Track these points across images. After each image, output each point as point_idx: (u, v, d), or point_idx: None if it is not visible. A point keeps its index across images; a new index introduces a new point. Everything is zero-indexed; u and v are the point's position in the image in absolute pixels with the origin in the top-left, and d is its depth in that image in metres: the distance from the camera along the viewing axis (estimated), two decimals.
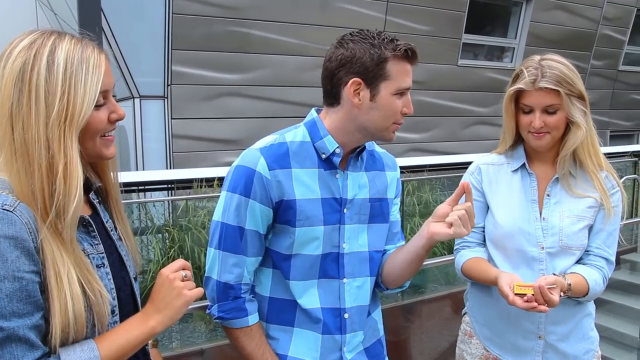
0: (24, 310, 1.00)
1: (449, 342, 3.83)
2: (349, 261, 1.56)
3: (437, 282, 4.69)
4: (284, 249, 1.52)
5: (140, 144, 7.66)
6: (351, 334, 1.59)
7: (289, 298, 1.56)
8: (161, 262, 4.77)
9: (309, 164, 1.51)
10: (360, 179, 1.59)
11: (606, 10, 11.32)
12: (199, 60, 7.57)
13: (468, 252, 1.91)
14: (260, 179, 1.46)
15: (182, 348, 3.83)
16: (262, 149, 1.50)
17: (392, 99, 1.45)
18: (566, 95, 1.68)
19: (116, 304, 1.18)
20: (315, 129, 1.54)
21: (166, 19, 7.36)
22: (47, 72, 1.05)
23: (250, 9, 7.74)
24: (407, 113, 1.49)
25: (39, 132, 1.04)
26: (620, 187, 1.83)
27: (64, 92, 1.05)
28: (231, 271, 1.51)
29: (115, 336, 1.12)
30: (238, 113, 7.98)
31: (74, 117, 1.06)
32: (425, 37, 9.22)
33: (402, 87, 1.45)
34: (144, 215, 5.49)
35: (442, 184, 6.85)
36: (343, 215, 1.54)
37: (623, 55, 12.15)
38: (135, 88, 7.50)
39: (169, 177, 6.01)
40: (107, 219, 1.27)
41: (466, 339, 1.99)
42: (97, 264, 1.15)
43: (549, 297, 1.56)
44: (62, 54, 1.07)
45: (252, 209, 1.48)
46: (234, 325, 1.53)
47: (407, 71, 1.46)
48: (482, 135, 10.16)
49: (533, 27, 10.40)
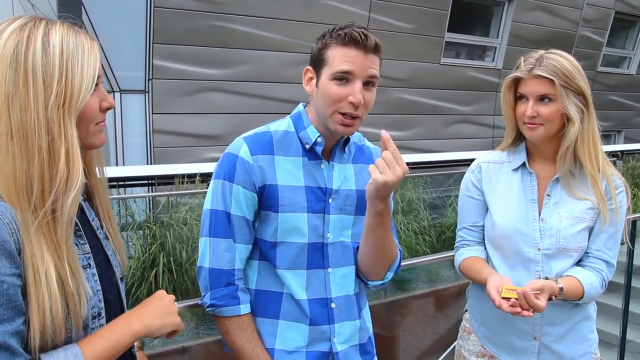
0: (4, 316, 0.94)
1: (432, 340, 3.85)
2: (333, 251, 1.57)
3: (419, 280, 4.71)
4: (269, 236, 1.53)
5: (121, 138, 7.54)
6: (339, 324, 1.59)
7: (275, 290, 1.56)
8: (142, 258, 4.69)
9: (293, 153, 1.54)
10: (346, 170, 1.60)
11: (585, 12, 11.47)
12: (180, 55, 7.48)
13: (466, 251, 1.91)
14: (242, 163, 1.49)
15: (164, 346, 3.78)
16: (246, 137, 1.54)
17: (330, 84, 1.44)
18: (561, 86, 1.67)
19: (102, 306, 1.14)
20: (299, 120, 1.57)
21: (148, 12, 7.25)
22: (43, 54, 1.01)
23: (233, 4, 7.67)
24: (352, 102, 1.43)
25: (39, 114, 0.99)
26: (625, 185, 1.80)
27: (62, 75, 1.02)
28: (223, 256, 1.51)
29: (99, 340, 1.08)
30: (220, 108, 7.92)
31: (72, 101, 1.03)
32: (408, 35, 9.24)
33: (337, 71, 1.42)
34: (124, 211, 5.40)
35: (424, 182, 6.87)
36: (328, 205, 1.55)
37: (601, 57, 12.33)
38: (116, 82, 7.38)
39: (150, 173, 5.94)
40: (93, 217, 1.23)
41: (465, 336, 2.00)
42: (83, 265, 1.11)
43: (533, 303, 1.55)
44: (57, 37, 1.03)
45: (236, 193, 1.50)
46: (225, 314, 1.52)
47: (347, 56, 1.42)
48: (464, 134, 10.22)
49: (515, 27, 10.48)
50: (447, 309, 4.09)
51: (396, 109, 9.58)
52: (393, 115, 9.50)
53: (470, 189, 1.92)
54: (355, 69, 1.42)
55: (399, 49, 9.10)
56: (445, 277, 4.70)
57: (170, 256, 4.73)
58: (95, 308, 1.12)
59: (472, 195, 1.91)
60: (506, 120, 1.84)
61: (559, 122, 1.73)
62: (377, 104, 1.56)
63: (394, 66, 9.15)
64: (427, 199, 6.64)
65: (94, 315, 1.11)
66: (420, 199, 6.48)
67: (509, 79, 1.77)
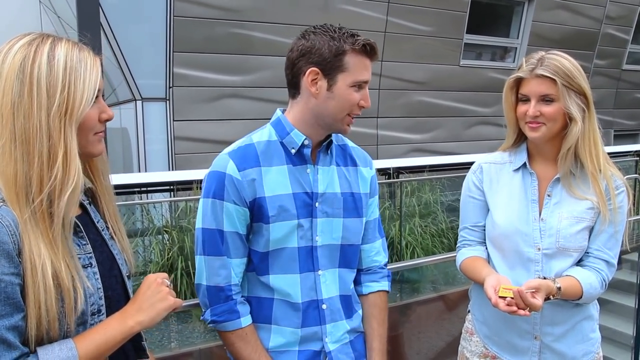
0: (2, 312, 1.01)
1: (446, 342, 3.84)
2: (323, 254, 1.60)
3: (435, 282, 4.70)
4: (262, 247, 1.56)
5: (143, 146, 7.70)
6: (331, 324, 1.62)
7: (266, 296, 1.59)
8: (160, 263, 4.79)
9: (277, 162, 1.56)
10: (331, 173, 1.63)
11: (609, 9, 11.27)
12: (200, 62, 7.61)
13: (467, 251, 1.92)
14: (231, 180, 1.52)
15: (180, 348, 3.86)
16: (230, 152, 1.57)
17: (349, 90, 1.50)
18: (563, 86, 1.68)
19: (103, 303, 1.20)
20: (281, 126, 1.59)
21: (168, 21, 7.39)
22: (48, 67, 1.10)
23: (251, 11, 7.76)
24: (364, 106, 1.54)
25: (41, 121, 1.08)
26: (626, 185, 1.80)
27: (64, 86, 1.10)
28: (218, 274, 1.55)
29: (93, 335, 1.14)
30: (239, 114, 8.00)
31: (74, 111, 1.11)
32: (426, 37, 9.22)
33: (359, 80, 1.50)
34: (145, 216, 5.52)
35: (442, 185, 6.84)
36: (315, 209, 1.58)
37: (627, 54, 12.09)
38: (137, 90, 7.54)
39: (169, 179, 6.05)
40: (99, 219, 1.30)
41: (467, 336, 2.00)
42: (83, 264, 1.17)
43: (529, 302, 1.55)
44: (62, 52, 1.12)
45: (227, 210, 1.52)
46: (227, 329, 1.56)
47: (365, 65, 1.51)
48: (485, 136, 10.14)
49: (535, 26, 10.37)
50: (460, 311, 4.07)
51: (416, 112, 9.56)
52: (413, 118, 9.49)
53: (472, 189, 1.93)
54: (369, 77, 1.53)
55: (417, 52, 9.09)
56: (460, 279, 4.68)
57: (189, 260, 4.82)
58: (95, 305, 1.18)
59: (473, 195, 1.92)
60: (508, 121, 1.85)
61: (561, 122, 1.73)
62: (397, 107, 1.63)
63: (414, 69, 9.14)
64: (445, 202, 6.62)
65: (94, 311, 1.17)
66: (437, 201, 6.46)
67: (511, 79, 1.78)
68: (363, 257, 1.75)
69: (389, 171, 6.92)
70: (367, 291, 1.75)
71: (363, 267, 1.76)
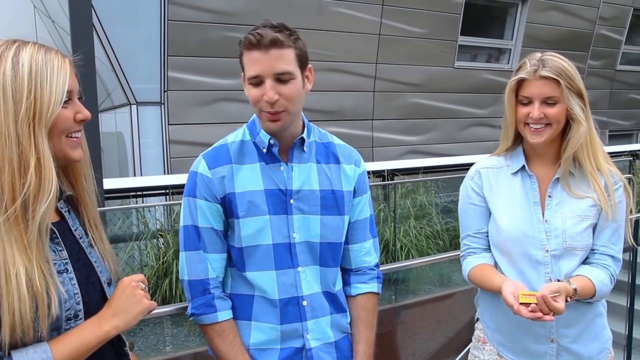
0: None
1: (441, 344, 3.85)
2: (302, 250, 1.61)
3: (430, 284, 4.71)
4: (236, 242, 1.59)
5: (138, 150, 7.69)
6: (312, 321, 1.63)
7: (247, 293, 1.62)
8: (156, 267, 4.79)
9: (249, 160, 1.61)
10: (308, 170, 1.63)
11: (602, 10, 11.31)
12: (194, 66, 7.61)
13: (474, 259, 1.89)
14: (202, 178, 1.58)
15: (175, 352, 3.86)
16: (205, 153, 1.64)
17: (248, 88, 1.53)
18: (566, 87, 1.68)
19: (81, 308, 1.20)
20: (254, 127, 1.64)
21: (162, 25, 7.40)
22: (13, 72, 1.09)
23: (245, 14, 7.77)
24: (268, 101, 1.48)
25: (9, 129, 1.08)
26: (623, 181, 1.80)
27: (30, 91, 1.10)
28: (197, 267, 1.60)
29: (69, 339, 1.14)
30: (234, 118, 7.99)
31: (42, 115, 1.10)
32: (421, 39, 9.24)
33: (249, 76, 1.50)
34: (140, 220, 5.52)
35: (437, 186, 6.85)
36: (290, 206, 1.60)
37: (620, 55, 12.14)
38: (132, 94, 7.54)
39: (165, 183, 6.05)
40: (77, 227, 1.29)
41: (479, 345, 1.97)
42: (59, 269, 1.17)
43: (553, 306, 1.54)
44: (27, 56, 1.12)
45: (200, 207, 1.58)
46: (204, 322, 1.60)
47: (253, 59, 1.48)
48: (480, 137, 10.16)
49: (529, 28, 10.40)
50: (455, 313, 4.08)
51: (411, 114, 9.57)
52: (408, 120, 9.50)
53: (471, 195, 1.90)
54: (261, 70, 1.47)
55: (412, 54, 9.11)
56: (455, 280, 4.69)
57: None
58: (72, 310, 1.17)
59: (473, 202, 1.90)
60: (508, 122, 1.82)
61: (563, 124, 1.74)
62: (392, 109, 1.61)
63: (408, 71, 9.16)
64: (440, 203, 6.62)
65: (69, 316, 1.17)
66: (432, 203, 6.47)
67: (513, 81, 1.75)
68: (352, 257, 1.74)
69: (383, 173, 6.93)
70: (355, 292, 1.75)
71: (352, 267, 1.75)
